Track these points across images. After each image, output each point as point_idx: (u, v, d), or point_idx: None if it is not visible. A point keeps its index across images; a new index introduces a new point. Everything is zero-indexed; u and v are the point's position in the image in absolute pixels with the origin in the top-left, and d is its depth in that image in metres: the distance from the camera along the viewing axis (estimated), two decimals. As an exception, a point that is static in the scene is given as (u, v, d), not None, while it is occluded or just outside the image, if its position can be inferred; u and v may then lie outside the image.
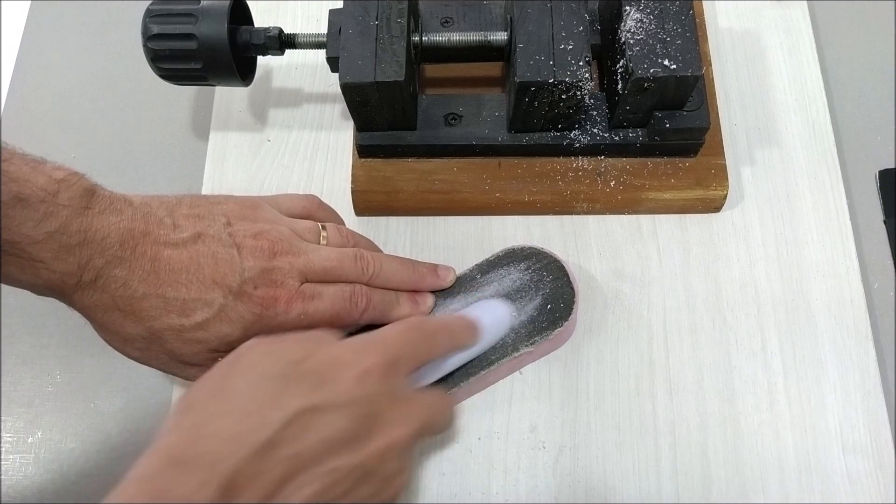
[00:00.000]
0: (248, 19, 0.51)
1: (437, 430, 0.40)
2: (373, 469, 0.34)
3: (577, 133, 0.50)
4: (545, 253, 0.48)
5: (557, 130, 0.50)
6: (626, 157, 0.51)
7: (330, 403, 0.33)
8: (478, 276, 0.48)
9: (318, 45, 0.50)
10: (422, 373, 0.42)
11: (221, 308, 0.39)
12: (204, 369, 0.41)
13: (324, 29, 0.49)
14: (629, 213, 0.53)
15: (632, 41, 0.46)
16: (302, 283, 0.41)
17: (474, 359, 0.45)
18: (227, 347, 0.40)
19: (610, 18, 0.49)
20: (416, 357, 0.38)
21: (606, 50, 0.50)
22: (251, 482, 0.31)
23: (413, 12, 0.50)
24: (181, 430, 0.32)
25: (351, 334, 0.47)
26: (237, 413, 0.32)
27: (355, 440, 0.33)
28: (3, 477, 0.48)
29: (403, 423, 0.35)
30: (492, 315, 0.46)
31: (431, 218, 0.53)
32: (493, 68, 0.55)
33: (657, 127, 0.49)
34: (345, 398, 0.33)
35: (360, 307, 0.43)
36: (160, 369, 0.42)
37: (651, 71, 0.45)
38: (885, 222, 0.54)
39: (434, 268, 0.47)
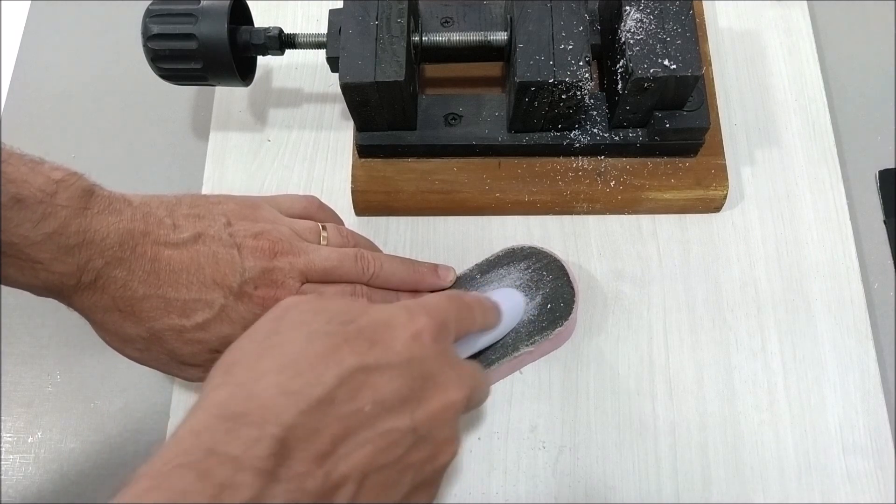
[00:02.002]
0: (248, 19, 0.51)
1: (478, 403, 0.39)
2: (427, 433, 0.33)
3: (577, 133, 0.50)
4: (545, 252, 0.48)
5: (557, 130, 0.50)
6: (626, 157, 0.51)
7: (384, 363, 0.32)
8: (478, 276, 0.48)
9: (318, 45, 0.50)
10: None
11: (222, 308, 0.39)
12: (204, 370, 0.41)
13: (324, 29, 0.49)
14: (629, 213, 0.53)
15: (632, 41, 0.46)
16: (302, 284, 0.41)
17: (474, 359, 0.45)
18: (226, 346, 0.40)
19: (610, 18, 0.49)
20: (458, 325, 0.38)
21: (606, 50, 0.50)
22: (306, 439, 0.30)
23: (413, 12, 0.50)
24: (232, 385, 0.31)
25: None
26: (291, 368, 0.31)
27: (410, 401, 0.33)
28: (3, 477, 0.48)
29: (456, 386, 0.34)
30: (508, 302, 0.46)
31: (431, 218, 0.53)
32: (493, 68, 0.55)
33: (657, 127, 0.49)
34: (399, 358, 0.33)
35: None
36: (160, 370, 0.41)
37: (651, 71, 0.45)
38: (885, 222, 0.54)
39: (434, 268, 0.47)
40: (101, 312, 0.38)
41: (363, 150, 0.51)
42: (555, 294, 0.47)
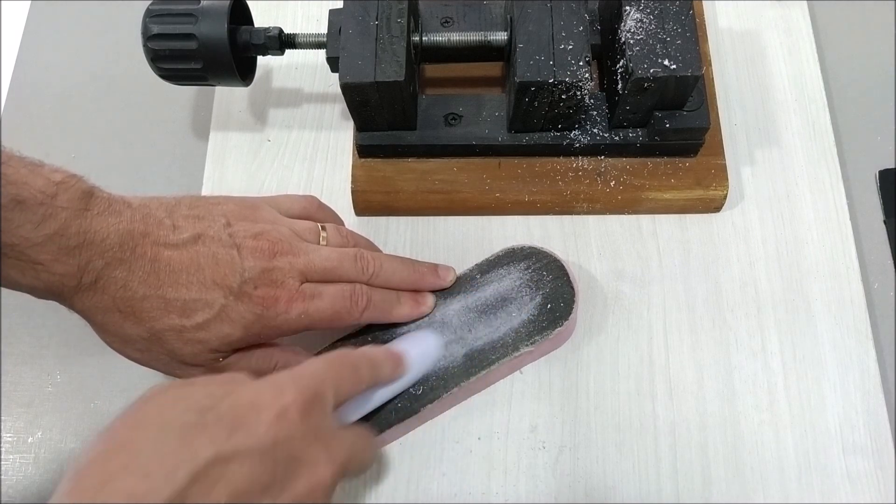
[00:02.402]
0: (248, 19, 0.51)
1: (360, 469, 0.39)
2: None
3: (577, 133, 0.50)
4: (545, 252, 0.48)
5: (557, 130, 0.50)
6: (626, 157, 0.51)
7: (245, 450, 0.31)
8: (478, 276, 0.48)
9: (318, 45, 0.50)
10: (347, 409, 0.41)
11: (222, 308, 0.39)
12: (205, 370, 0.41)
13: (324, 29, 0.49)
14: (629, 213, 0.53)
15: (632, 41, 0.46)
16: (302, 283, 0.41)
17: (474, 359, 0.45)
18: (227, 347, 0.40)
19: (610, 18, 0.49)
20: (338, 391, 0.36)
21: (606, 50, 0.50)
22: None
23: (413, 12, 0.50)
24: (80, 492, 0.29)
25: (353, 335, 0.47)
26: (141, 469, 0.29)
27: (272, 487, 0.31)
28: (3, 477, 0.48)
29: (325, 463, 0.34)
30: (419, 346, 0.45)
31: (431, 218, 0.53)
32: (493, 68, 0.55)
33: (657, 127, 0.49)
34: (261, 443, 0.31)
35: (361, 306, 0.43)
36: (161, 371, 0.42)
37: (651, 71, 0.45)
38: (885, 222, 0.54)
39: (434, 267, 0.47)
40: (101, 313, 0.38)
41: (363, 150, 0.51)
42: (555, 294, 0.47)
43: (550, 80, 0.46)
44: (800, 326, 0.50)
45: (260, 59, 0.53)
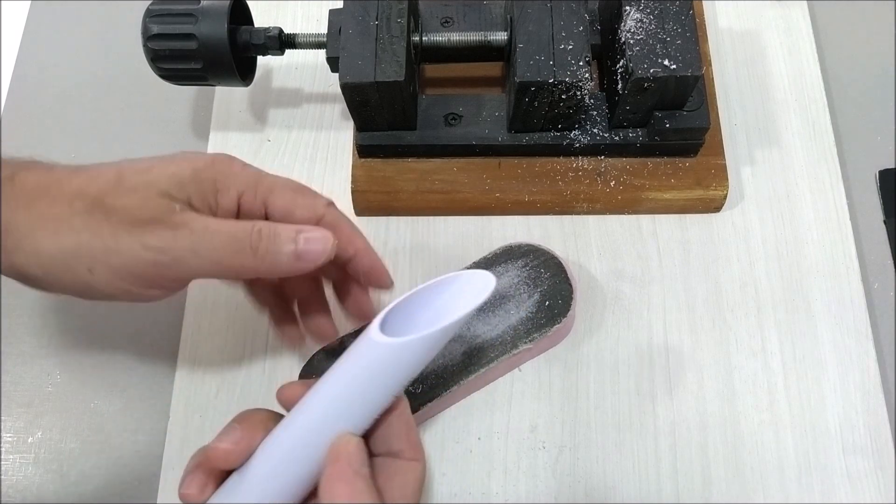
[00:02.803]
0: (248, 19, 0.51)
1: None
2: None
3: (577, 133, 0.50)
4: (542, 250, 0.48)
5: (557, 130, 0.50)
6: (626, 157, 0.51)
7: None
8: (477, 276, 0.48)
9: (318, 45, 0.50)
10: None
11: (165, 157, 0.37)
12: (165, 228, 0.35)
13: (324, 29, 0.49)
14: (629, 213, 0.53)
15: (632, 41, 0.46)
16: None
17: (473, 356, 0.45)
18: (179, 190, 0.36)
19: (610, 18, 0.49)
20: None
21: (606, 50, 0.50)
22: None
23: (413, 12, 0.50)
24: None
25: (353, 335, 0.47)
26: None
27: None
28: (3, 477, 0.48)
29: None
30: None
31: (431, 218, 0.53)
32: (493, 68, 0.55)
33: (657, 127, 0.49)
34: None
35: None
36: (112, 260, 0.35)
37: (651, 71, 0.45)
38: (885, 222, 0.53)
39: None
40: (25, 207, 0.34)
41: (363, 150, 0.52)
42: (553, 291, 0.47)
43: (550, 80, 0.46)
44: (800, 326, 0.50)
45: (260, 59, 0.53)
